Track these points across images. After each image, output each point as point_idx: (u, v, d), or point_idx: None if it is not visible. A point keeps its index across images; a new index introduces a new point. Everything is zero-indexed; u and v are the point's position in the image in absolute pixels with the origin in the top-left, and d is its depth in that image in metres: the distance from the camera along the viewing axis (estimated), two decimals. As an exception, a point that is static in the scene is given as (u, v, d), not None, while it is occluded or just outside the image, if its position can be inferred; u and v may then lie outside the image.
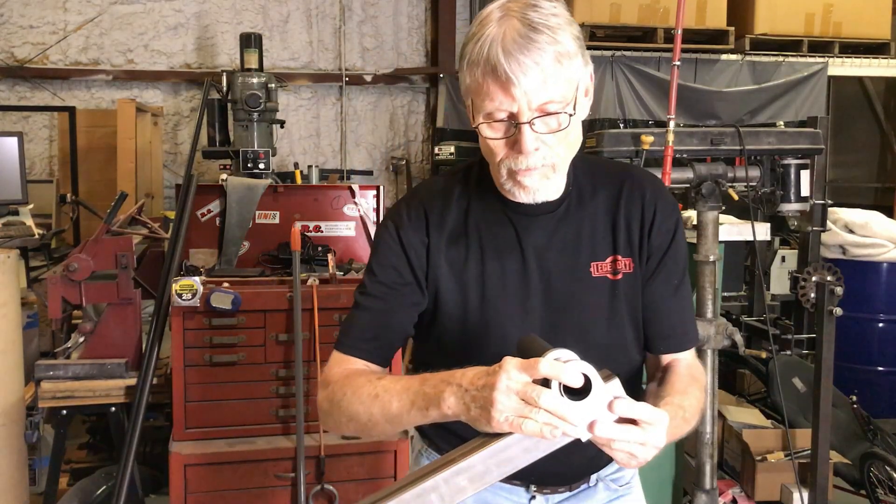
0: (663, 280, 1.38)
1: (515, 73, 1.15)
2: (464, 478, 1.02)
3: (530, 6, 1.20)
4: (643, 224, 1.35)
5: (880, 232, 4.33)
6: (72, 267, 3.01)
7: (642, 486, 1.59)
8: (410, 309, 1.35)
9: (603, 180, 1.37)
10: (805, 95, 5.36)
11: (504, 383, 0.99)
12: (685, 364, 1.41)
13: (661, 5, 5.01)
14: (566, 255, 1.33)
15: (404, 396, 1.15)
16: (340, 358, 1.35)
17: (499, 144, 1.22)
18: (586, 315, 1.34)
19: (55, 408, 3.02)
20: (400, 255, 1.34)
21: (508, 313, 1.33)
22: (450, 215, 1.35)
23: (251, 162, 3.62)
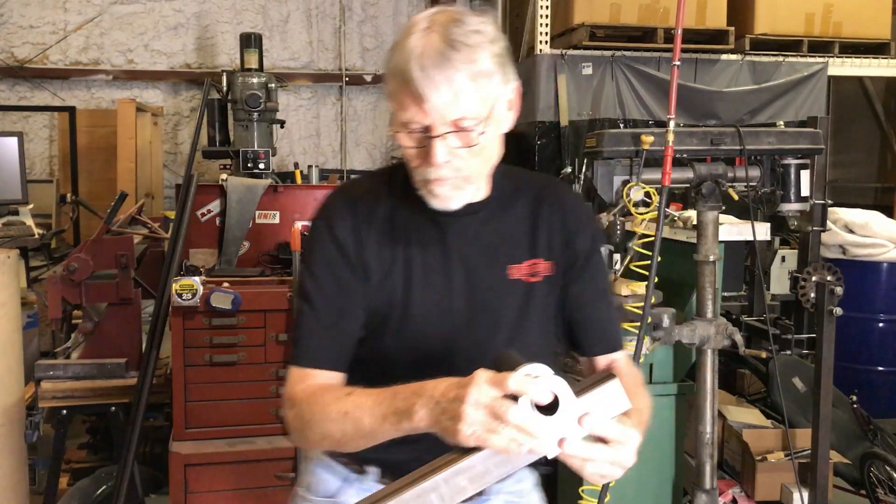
0: (590, 282, 1.42)
1: (428, 89, 1.17)
2: (464, 478, 1.02)
3: (455, 21, 1.20)
4: (564, 229, 1.40)
5: (880, 232, 4.33)
6: (72, 267, 3.01)
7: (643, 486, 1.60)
8: (358, 307, 1.35)
9: (524, 187, 1.41)
10: (805, 95, 5.36)
11: (474, 397, 1.00)
12: (624, 365, 1.45)
13: (661, 5, 5.01)
14: (487, 257, 1.36)
15: (376, 411, 1.15)
16: (300, 373, 1.32)
17: (413, 153, 1.25)
18: (502, 315, 1.38)
19: (55, 408, 3.02)
20: (336, 255, 1.34)
21: (432, 312, 1.35)
22: (377, 215, 1.36)
23: (251, 162, 3.62)
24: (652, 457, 2.93)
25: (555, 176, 1.58)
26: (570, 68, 5.06)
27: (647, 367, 2.90)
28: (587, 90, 5.11)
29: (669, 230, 3.12)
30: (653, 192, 2.52)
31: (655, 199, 2.50)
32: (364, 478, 1.44)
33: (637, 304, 2.58)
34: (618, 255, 2.75)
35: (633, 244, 2.58)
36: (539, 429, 0.98)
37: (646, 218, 2.52)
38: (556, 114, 5.06)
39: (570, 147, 5.02)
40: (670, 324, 2.65)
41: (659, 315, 2.63)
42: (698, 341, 2.71)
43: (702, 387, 2.77)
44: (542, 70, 5.04)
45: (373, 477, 1.43)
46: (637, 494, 2.92)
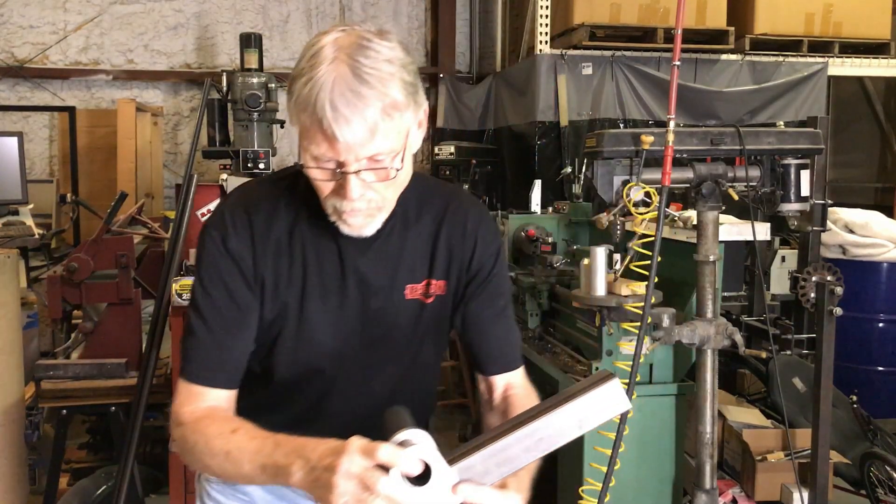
0: (488, 302, 1.42)
1: (341, 129, 1.12)
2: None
3: (362, 47, 1.15)
4: (464, 248, 1.39)
5: (880, 232, 4.33)
6: (72, 267, 3.01)
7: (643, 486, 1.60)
8: (251, 322, 1.32)
9: (428, 203, 1.39)
10: (805, 95, 5.36)
11: (345, 467, 0.99)
12: (521, 387, 1.45)
13: (661, 5, 5.01)
14: (384, 276, 1.35)
15: (256, 459, 1.14)
16: (189, 390, 1.29)
17: (325, 185, 1.21)
18: (396, 336, 1.38)
19: (55, 408, 3.02)
20: (230, 267, 1.30)
21: (326, 330, 1.34)
22: (275, 227, 1.32)
23: (251, 162, 3.62)
24: (652, 457, 2.93)
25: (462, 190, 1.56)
26: (570, 68, 5.06)
27: (647, 367, 2.90)
28: (587, 90, 5.11)
29: (669, 230, 3.12)
30: (653, 192, 2.52)
31: (655, 199, 2.50)
32: None
33: (637, 304, 2.58)
34: (618, 255, 2.75)
35: (633, 244, 2.58)
36: (409, 501, 0.97)
37: (646, 218, 2.52)
38: (556, 114, 5.06)
39: (570, 147, 5.02)
40: (670, 324, 2.65)
41: (659, 315, 2.63)
42: (698, 341, 2.71)
43: (702, 387, 2.77)
44: (542, 70, 5.04)
45: None
46: (637, 494, 2.92)
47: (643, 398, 2.84)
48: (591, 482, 2.65)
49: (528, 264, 3.62)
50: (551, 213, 4.06)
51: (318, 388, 1.38)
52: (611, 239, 2.76)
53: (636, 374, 2.40)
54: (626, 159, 2.72)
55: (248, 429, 1.20)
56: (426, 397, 1.53)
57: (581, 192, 4.02)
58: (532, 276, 3.43)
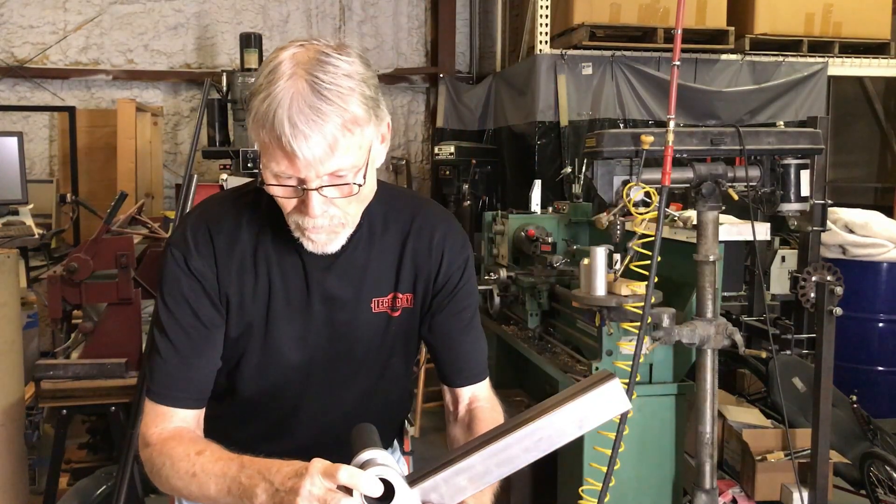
0: (454, 315, 1.41)
1: (301, 146, 1.10)
2: (464, 478, 1.02)
3: (321, 63, 1.13)
4: (430, 262, 1.39)
5: (880, 232, 4.33)
6: (72, 267, 3.01)
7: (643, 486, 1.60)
8: (216, 341, 1.31)
9: (395, 215, 1.38)
10: (805, 95, 5.36)
11: (307, 489, 1.00)
12: (486, 400, 1.45)
13: (661, 5, 5.01)
14: (350, 290, 1.34)
15: (221, 482, 1.14)
16: (155, 410, 1.29)
17: (287, 202, 1.20)
18: (363, 349, 1.37)
19: (55, 408, 3.02)
20: (193, 286, 1.29)
21: (291, 346, 1.33)
22: (238, 244, 1.31)
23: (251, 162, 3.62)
24: (652, 457, 2.93)
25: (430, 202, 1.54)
26: (570, 68, 5.06)
27: (647, 367, 2.90)
28: (587, 90, 5.11)
29: (669, 230, 3.12)
30: (653, 192, 2.52)
31: (655, 199, 2.50)
32: None
33: (637, 304, 2.58)
34: (618, 255, 2.75)
35: (633, 244, 2.58)
36: None
37: (646, 218, 2.52)
38: (556, 114, 5.06)
39: (570, 147, 5.02)
40: (670, 324, 2.65)
41: (659, 315, 2.63)
42: (698, 341, 2.71)
43: (702, 387, 2.77)
44: (542, 70, 5.05)
45: None
46: (637, 494, 2.92)
47: (643, 398, 2.85)
48: (591, 482, 2.65)
49: (528, 264, 3.62)
50: (551, 213, 4.06)
51: (285, 403, 1.38)
52: (611, 239, 2.76)
53: (636, 374, 2.40)
54: (626, 159, 2.73)
55: (213, 450, 1.20)
56: (396, 408, 1.54)
57: (581, 192, 4.02)
58: (532, 276, 3.43)
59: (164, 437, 1.26)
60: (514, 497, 3.23)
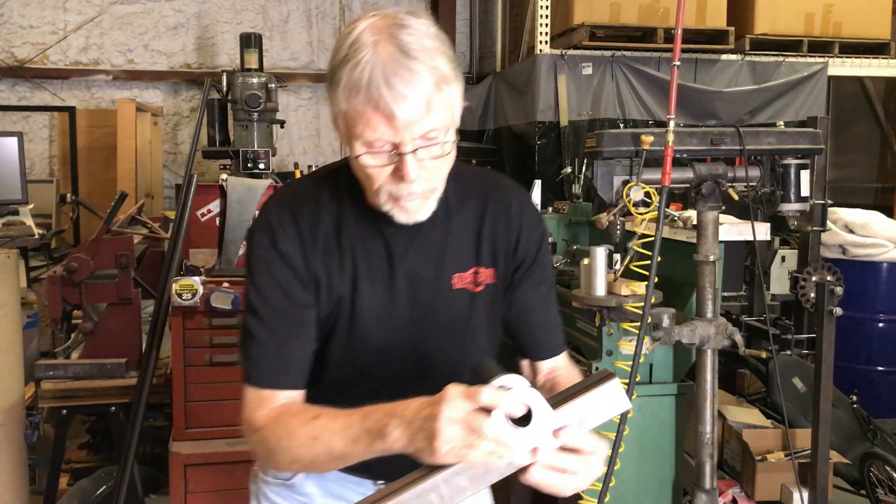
0: (533, 288, 1.41)
1: (400, 105, 1.11)
2: (464, 478, 1.02)
3: (401, 26, 1.14)
4: (509, 235, 1.38)
5: (880, 232, 4.33)
6: (72, 267, 3.01)
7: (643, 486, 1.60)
8: (310, 321, 1.31)
9: (470, 191, 1.38)
10: (805, 95, 5.36)
11: (447, 413, 0.99)
12: (567, 370, 1.45)
13: (661, 5, 5.01)
14: (431, 266, 1.34)
15: (346, 434, 1.13)
16: (258, 395, 1.28)
17: (379, 172, 1.19)
18: (447, 325, 1.36)
19: (55, 408, 3.02)
20: (282, 269, 1.28)
21: (378, 322, 1.33)
22: (321, 224, 1.31)
23: (251, 162, 3.62)
24: (652, 457, 2.93)
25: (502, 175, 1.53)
26: (570, 68, 5.06)
27: (646, 366, 2.90)
28: (587, 90, 5.11)
29: (669, 230, 3.12)
30: (653, 192, 2.52)
31: (655, 199, 2.50)
32: None
33: (637, 304, 2.58)
34: (618, 255, 2.75)
35: (633, 244, 2.58)
36: (515, 441, 0.98)
37: (646, 218, 2.52)
38: (556, 114, 5.06)
39: (570, 147, 5.02)
40: (670, 324, 2.65)
41: (659, 315, 2.63)
42: (698, 341, 2.71)
43: (702, 387, 2.77)
44: (542, 70, 5.04)
45: None
46: (637, 494, 2.92)
47: (643, 398, 2.85)
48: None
49: (528, 264, 3.61)
50: (551, 213, 4.06)
51: (371, 386, 1.36)
52: (611, 239, 2.76)
53: (636, 374, 2.40)
54: (626, 159, 2.73)
55: (329, 411, 1.18)
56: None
57: (581, 192, 4.02)
58: (532, 276, 3.42)
59: (273, 416, 1.25)
60: (515, 497, 3.23)
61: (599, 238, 3.28)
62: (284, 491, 1.48)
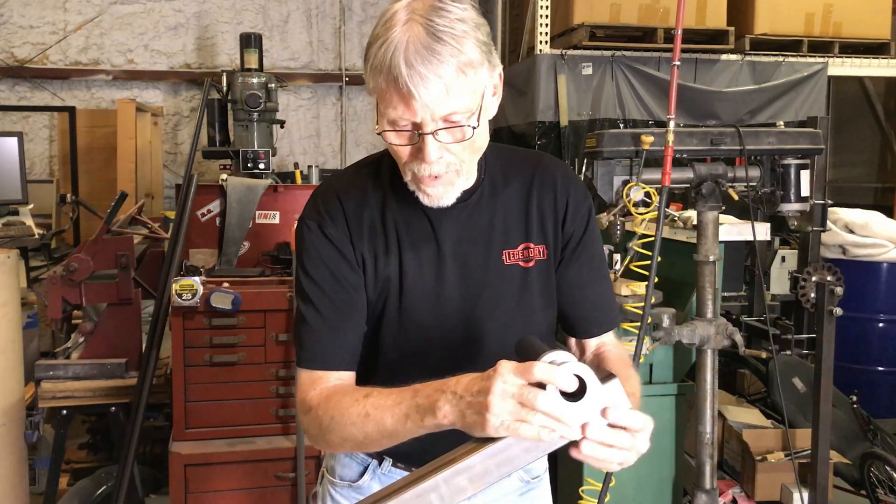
0: (584, 264, 1.40)
1: (417, 86, 1.12)
2: (464, 478, 1.02)
3: (436, 9, 1.16)
4: (556, 211, 1.38)
5: (880, 232, 4.33)
6: (72, 267, 3.01)
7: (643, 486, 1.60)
8: (360, 303, 1.33)
9: (514, 169, 1.38)
10: (805, 95, 5.36)
11: (500, 387, 0.99)
12: (614, 346, 1.45)
13: (661, 5, 5.01)
14: (479, 245, 1.35)
15: (397, 411, 1.13)
16: (311, 376, 1.31)
17: (403, 150, 1.22)
18: (499, 303, 1.36)
19: (55, 408, 3.02)
20: (331, 252, 1.32)
21: (427, 303, 1.34)
22: (366, 208, 1.34)
23: (251, 162, 3.62)
24: (652, 457, 2.92)
25: (546, 154, 1.52)
26: (570, 68, 5.06)
27: (646, 366, 2.90)
28: (587, 90, 5.11)
29: (669, 230, 3.12)
30: (653, 192, 2.52)
31: (655, 199, 2.50)
32: (382, 464, 1.46)
33: (637, 304, 2.58)
34: (618, 255, 2.75)
35: (633, 244, 2.58)
36: (568, 415, 0.98)
37: (646, 218, 2.52)
38: (556, 114, 5.06)
39: (570, 147, 5.02)
40: (670, 324, 2.65)
41: (659, 315, 2.63)
42: (698, 341, 2.71)
43: (702, 387, 2.77)
44: (542, 70, 5.04)
45: (389, 463, 1.46)
46: (637, 494, 2.92)
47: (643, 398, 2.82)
48: (591, 482, 2.65)
49: (528, 264, 3.61)
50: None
51: (428, 366, 1.33)
52: (611, 239, 2.76)
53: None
54: (626, 159, 2.73)
55: (380, 390, 1.20)
56: None
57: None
58: (532, 276, 3.42)
59: (326, 395, 1.26)
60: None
61: (599, 238, 3.28)
62: (351, 493, 1.49)
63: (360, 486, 1.47)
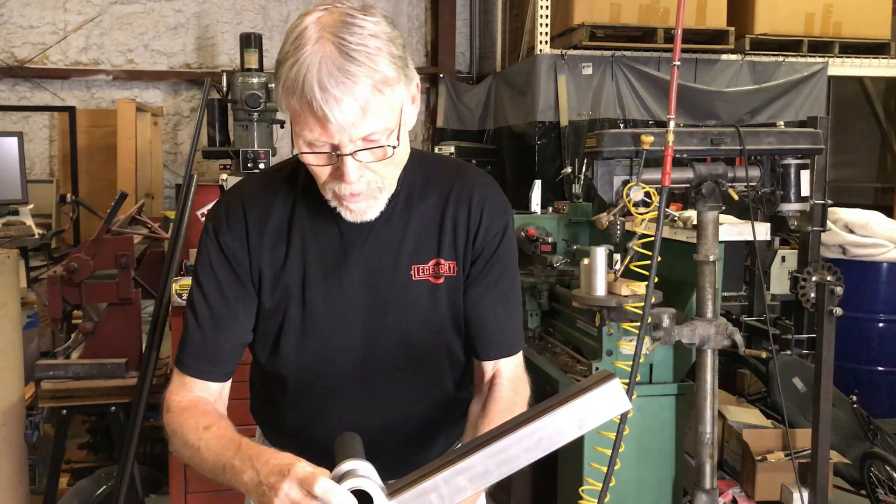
0: (490, 284, 1.36)
1: (332, 110, 1.09)
2: (464, 478, 1.02)
3: (346, 24, 1.12)
4: (469, 226, 1.34)
5: (880, 232, 4.33)
6: (72, 267, 3.01)
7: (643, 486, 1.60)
8: (241, 319, 1.33)
9: (434, 181, 1.35)
10: (805, 95, 5.36)
11: (284, 491, 1.02)
12: (507, 379, 1.38)
13: (661, 5, 5.01)
14: (388, 257, 1.32)
15: (217, 459, 1.18)
16: (180, 379, 1.34)
17: (322, 170, 1.19)
18: (407, 318, 1.34)
19: (55, 408, 3.02)
20: (222, 262, 1.31)
21: (329, 316, 1.32)
22: (272, 215, 1.31)
23: (251, 162, 3.61)
24: (652, 457, 2.93)
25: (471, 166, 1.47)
26: (570, 68, 5.06)
27: (647, 366, 2.90)
28: (587, 90, 5.11)
29: (669, 230, 3.12)
30: (653, 192, 2.52)
31: (655, 199, 2.50)
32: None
33: (637, 304, 2.58)
34: (618, 255, 2.75)
35: (633, 244, 2.58)
36: None
37: (646, 218, 2.52)
38: (556, 114, 5.06)
39: (570, 147, 5.02)
40: (670, 324, 2.65)
41: (659, 315, 2.63)
42: (698, 341, 2.71)
43: (702, 387, 2.77)
44: (542, 70, 5.04)
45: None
46: (637, 494, 2.92)
47: (643, 398, 2.85)
48: (591, 482, 2.65)
49: (528, 264, 3.62)
50: (551, 213, 4.06)
51: (331, 384, 1.35)
52: (611, 239, 2.76)
53: (636, 374, 2.40)
54: (626, 159, 2.72)
55: (220, 427, 1.23)
56: (454, 397, 1.45)
57: (581, 192, 4.02)
58: (532, 276, 3.43)
59: (183, 406, 1.30)
60: (515, 497, 3.23)
61: (599, 238, 3.28)
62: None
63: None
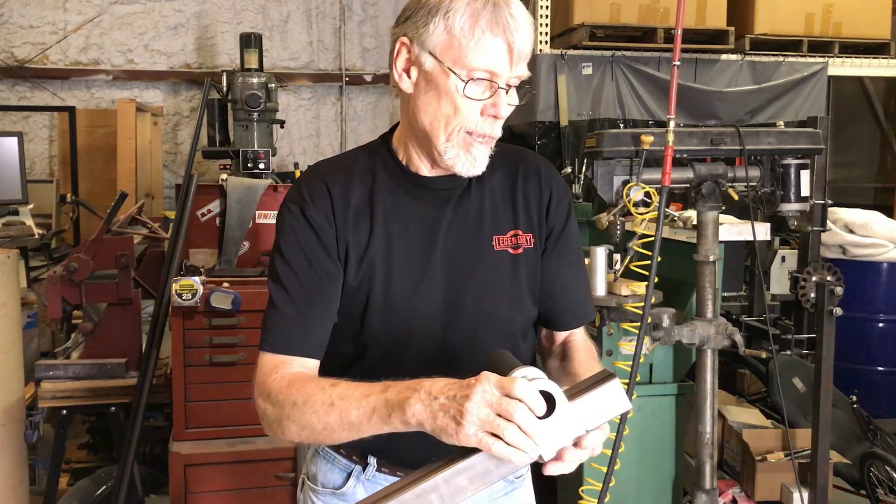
0: (563, 256, 1.41)
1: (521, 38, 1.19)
2: (464, 478, 1.02)
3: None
4: (541, 202, 1.39)
5: (880, 232, 4.33)
6: (72, 267, 3.01)
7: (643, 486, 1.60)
8: (332, 293, 1.31)
9: (499, 160, 1.37)
10: (805, 95, 5.36)
11: (479, 395, 0.99)
12: (581, 337, 1.45)
13: (661, 5, 5.01)
14: (469, 230, 1.34)
15: (364, 403, 1.10)
16: (272, 360, 1.28)
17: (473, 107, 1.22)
18: (488, 288, 1.35)
19: (55, 408, 3.02)
20: (310, 237, 1.30)
21: (413, 288, 1.32)
22: (353, 191, 1.32)
23: (251, 162, 3.62)
24: (652, 457, 2.93)
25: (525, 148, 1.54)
26: (570, 68, 5.06)
27: (647, 366, 2.90)
28: (587, 90, 5.11)
29: (669, 230, 3.12)
30: (653, 192, 2.52)
31: (655, 199, 2.50)
32: (366, 469, 1.42)
33: (637, 304, 2.58)
34: (618, 255, 2.75)
35: (633, 244, 2.58)
36: (541, 433, 0.98)
37: (646, 218, 2.52)
38: (556, 114, 5.06)
39: (570, 147, 5.02)
40: (670, 324, 2.65)
41: (659, 315, 2.63)
42: (698, 341, 2.71)
43: (702, 387, 2.77)
44: (542, 70, 5.04)
45: (373, 468, 1.41)
46: (637, 494, 2.92)
47: (643, 398, 2.85)
48: (591, 482, 2.65)
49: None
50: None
51: (414, 356, 1.33)
52: (611, 239, 2.76)
53: (636, 374, 2.39)
54: (626, 159, 2.72)
55: (348, 381, 1.17)
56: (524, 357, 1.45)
57: (581, 192, 4.02)
58: (532, 276, 3.42)
59: (288, 381, 1.23)
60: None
61: (599, 238, 3.28)
62: (335, 500, 1.44)
63: (344, 493, 1.43)
